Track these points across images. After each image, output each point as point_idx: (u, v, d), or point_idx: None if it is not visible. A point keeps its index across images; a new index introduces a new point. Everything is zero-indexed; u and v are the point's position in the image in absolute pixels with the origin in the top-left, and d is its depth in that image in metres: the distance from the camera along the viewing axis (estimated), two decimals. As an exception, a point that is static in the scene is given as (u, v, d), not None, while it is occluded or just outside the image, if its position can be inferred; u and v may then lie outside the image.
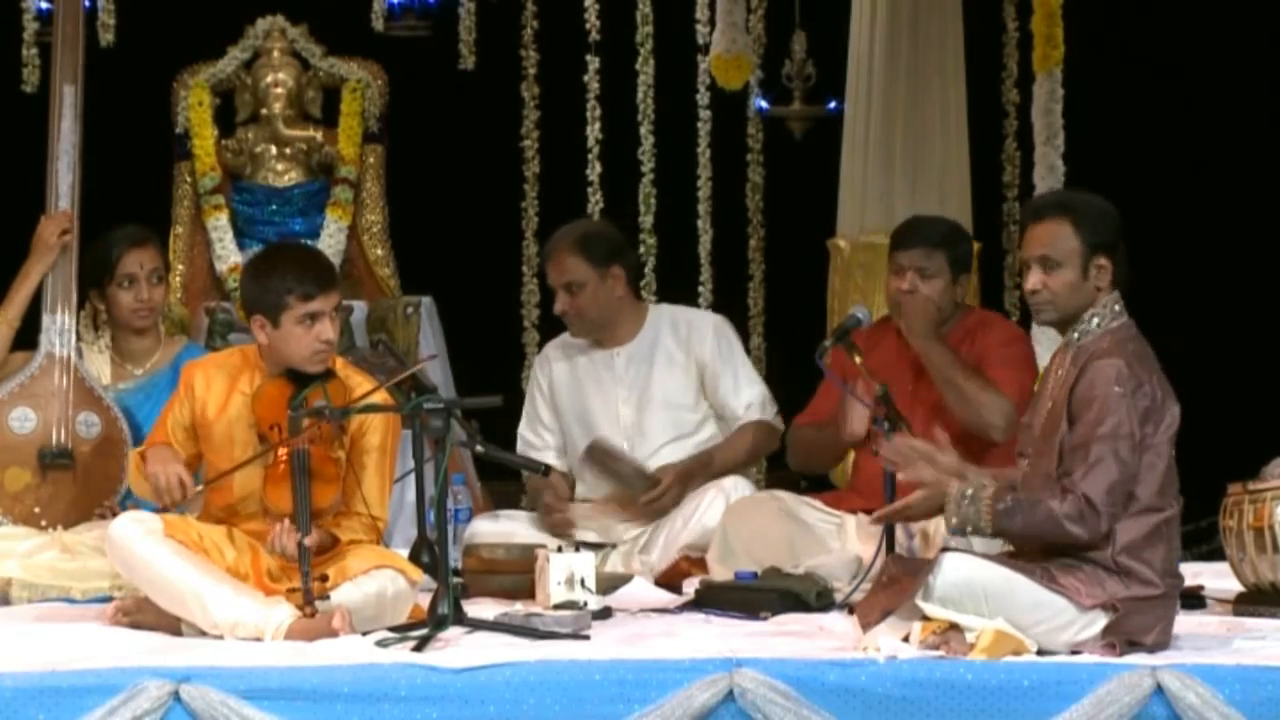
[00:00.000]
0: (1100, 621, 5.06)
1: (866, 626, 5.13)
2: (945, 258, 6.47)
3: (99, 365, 6.74)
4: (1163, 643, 5.13)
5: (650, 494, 6.65)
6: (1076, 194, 5.40)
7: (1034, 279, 5.24)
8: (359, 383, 5.81)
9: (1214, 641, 5.32)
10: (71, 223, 6.68)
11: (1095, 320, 5.22)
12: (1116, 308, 5.22)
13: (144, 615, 5.62)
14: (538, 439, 6.98)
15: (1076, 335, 5.22)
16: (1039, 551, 5.15)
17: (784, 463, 6.94)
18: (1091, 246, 5.18)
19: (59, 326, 6.62)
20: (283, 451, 5.58)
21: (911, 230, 6.60)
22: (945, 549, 5.19)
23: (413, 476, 5.48)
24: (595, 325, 6.85)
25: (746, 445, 6.81)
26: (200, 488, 5.76)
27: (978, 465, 5.43)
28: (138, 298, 6.67)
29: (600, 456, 6.71)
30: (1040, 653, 5.02)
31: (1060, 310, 5.23)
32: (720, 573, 6.34)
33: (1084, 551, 5.09)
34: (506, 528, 6.67)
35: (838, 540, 6.38)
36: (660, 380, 6.84)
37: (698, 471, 6.72)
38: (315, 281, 5.71)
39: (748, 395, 6.83)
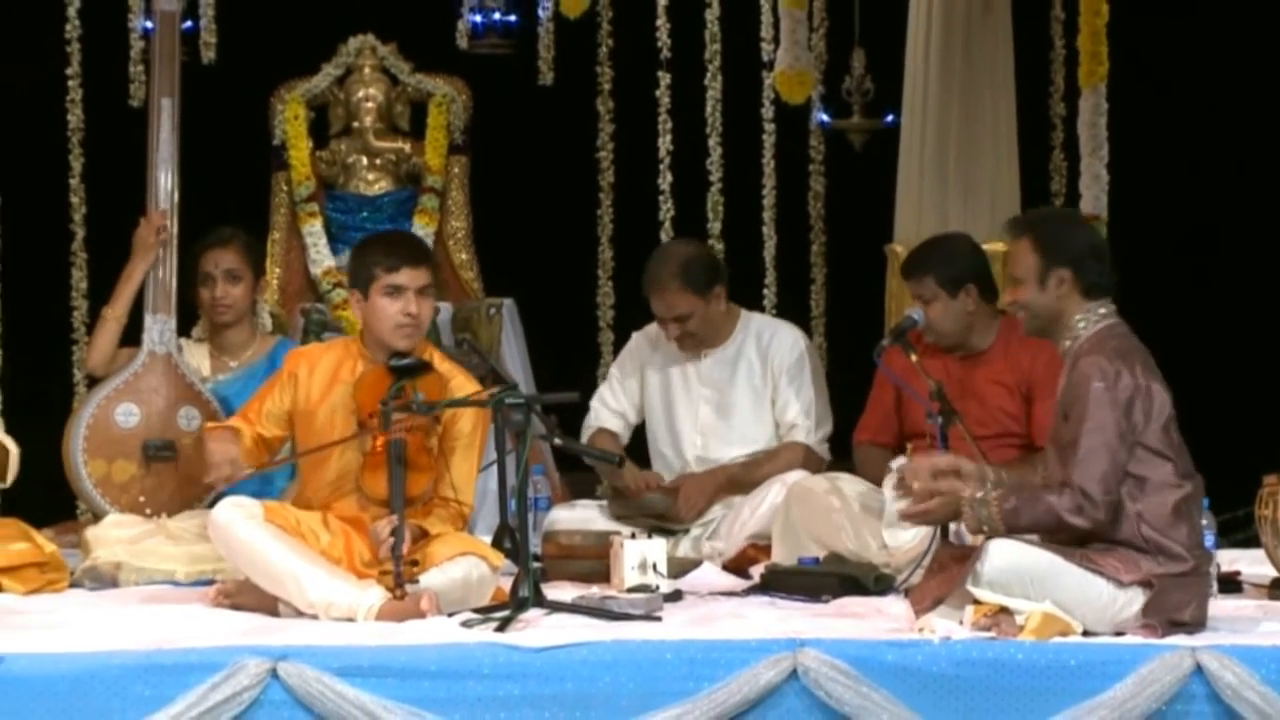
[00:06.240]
0: (1139, 599, 5.18)
1: (920, 612, 5.27)
2: (934, 280, 6.58)
3: (199, 358, 6.98)
4: (1200, 618, 5.24)
5: (674, 510, 6.76)
6: (1046, 211, 5.54)
7: (1006, 295, 5.50)
8: (453, 374, 5.97)
9: (1250, 624, 5.43)
10: (167, 222, 6.89)
11: (1082, 324, 5.37)
12: (1103, 310, 5.37)
13: (244, 597, 5.79)
14: (612, 398, 7.10)
15: (1069, 342, 5.39)
16: (1072, 539, 5.27)
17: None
18: (1048, 261, 5.35)
19: (159, 325, 6.85)
20: (380, 440, 5.71)
21: (905, 264, 6.76)
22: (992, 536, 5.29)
23: (495, 468, 5.62)
24: (703, 341, 6.98)
25: (778, 467, 6.84)
26: (249, 471, 5.92)
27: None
28: (212, 294, 6.91)
29: (622, 508, 6.77)
30: (1085, 634, 5.15)
31: (1033, 321, 5.41)
32: (782, 551, 6.47)
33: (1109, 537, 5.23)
34: (583, 515, 6.77)
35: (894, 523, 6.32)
36: (740, 388, 6.96)
37: (720, 481, 6.81)
38: (401, 256, 5.90)
39: (796, 413, 6.91)
